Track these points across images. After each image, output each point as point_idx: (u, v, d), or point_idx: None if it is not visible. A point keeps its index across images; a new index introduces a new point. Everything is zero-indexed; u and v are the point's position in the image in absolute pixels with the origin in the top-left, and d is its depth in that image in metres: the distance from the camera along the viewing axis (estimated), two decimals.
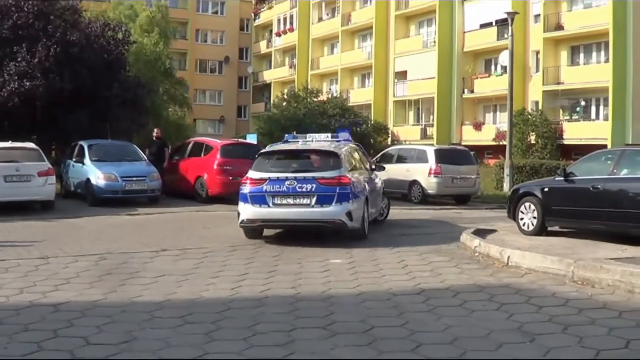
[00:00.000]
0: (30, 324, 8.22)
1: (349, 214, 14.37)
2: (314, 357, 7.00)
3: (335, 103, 49.34)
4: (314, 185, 14.32)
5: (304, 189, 14.36)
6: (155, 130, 28.37)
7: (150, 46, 49.96)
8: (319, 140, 16.97)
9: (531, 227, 14.98)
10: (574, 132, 44.59)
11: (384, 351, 7.14)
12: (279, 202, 14.48)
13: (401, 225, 18.11)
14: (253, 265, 12.09)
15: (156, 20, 53.90)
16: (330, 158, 15.12)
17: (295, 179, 14.48)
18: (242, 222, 14.94)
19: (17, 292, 9.95)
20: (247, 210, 14.77)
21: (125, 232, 16.70)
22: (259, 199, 14.60)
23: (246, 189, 14.94)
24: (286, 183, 14.42)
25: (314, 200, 14.32)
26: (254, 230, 15.21)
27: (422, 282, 10.50)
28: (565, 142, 44.61)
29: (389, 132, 55.01)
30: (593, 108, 46.16)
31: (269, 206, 14.49)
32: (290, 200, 14.45)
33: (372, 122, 52.12)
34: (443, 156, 26.01)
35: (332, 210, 14.29)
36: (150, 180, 23.33)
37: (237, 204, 15.02)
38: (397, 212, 20.42)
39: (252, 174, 15.15)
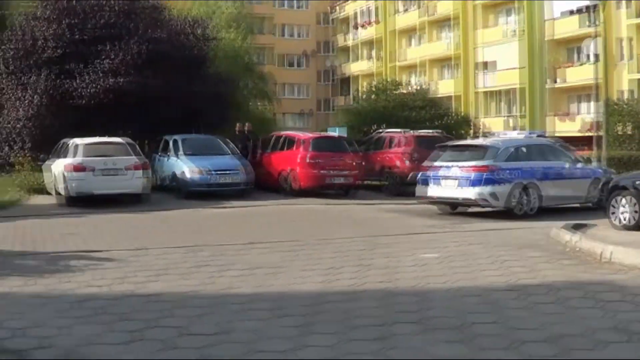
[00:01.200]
0: (128, 313, 8.36)
1: (493, 195, 18.37)
2: (410, 352, 6.89)
3: (418, 95, 48.92)
4: (469, 172, 18.63)
5: (462, 175, 18.78)
6: (238, 124, 28.53)
7: (232, 42, 50.32)
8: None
9: (631, 222, 14.47)
10: None
11: (483, 348, 6.96)
12: (447, 184, 19.06)
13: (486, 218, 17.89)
14: (345, 258, 12.04)
15: (239, 16, 54.34)
16: (482, 150, 19.44)
17: (458, 166, 19.04)
18: (420, 198, 20.04)
19: (115, 282, 10.15)
20: (426, 190, 19.59)
21: (216, 225, 16.88)
22: (436, 180, 19.31)
23: (428, 173, 19.64)
24: (452, 170, 19.05)
25: (469, 183, 18.50)
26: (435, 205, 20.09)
27: (517, 278, 10.25)
28: None
29: (472, 124, 54.29)
30: None
31: (441, 187, 19.15)
32: (454, 183, 18.89)
33: (455, 114, 51.48)
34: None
35: (479, 191, 18.37)
36: (240, 173, 23.49)
37: (323, 197, 15.41)
38: None
39: (432, 162, 19.85)
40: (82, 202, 20.99)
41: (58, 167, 21.86)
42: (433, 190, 19.31)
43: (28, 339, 7.27)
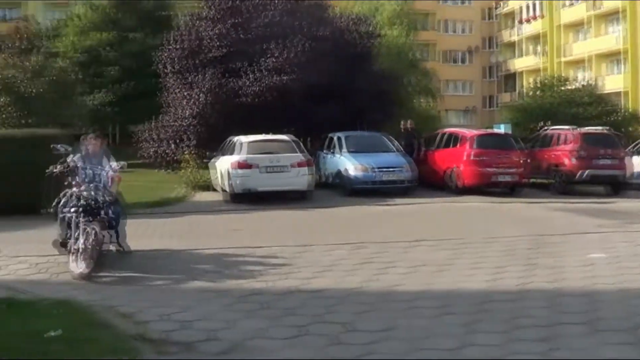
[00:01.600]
0: (293, 308, 8.57)
1: None
2: (576, 353, 6.78)
3: (585, 91, 47.57)
4: None
5: None
6: (403, 121, 28.51)
7: (396, 38, 50.37)
8: None
9: None
10: None
11: None
12: None
13: None
14: (511, 257, 11.91)
15: (401, 13, 54.36)
16: None
17: None
18: None
19: (280, 278, 10.43)
20: None
21: (380, 222, 16.96)
22: None
23: None
24: None
25: None
26: None
27: None
28: None
29: None
30: None
31: None
32: None
33: (624, 111, 49.70)
34: None
35: None
36: (404, 171, 23.51)
37: (488, 195, 15.31)
38: None
39: None
40: (246, 198, 21.48)
41: (223, 164, 22.49)
42: None
43: (195, 331, 7.56)
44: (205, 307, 8.70)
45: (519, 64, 76.00)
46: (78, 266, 10.61)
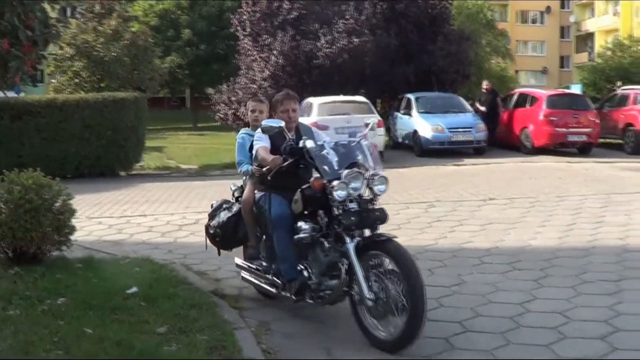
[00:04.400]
0: None
1: None
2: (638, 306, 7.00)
3: None
4: None
5: None
6: (485, 82, 28.41)
7: None
8: None
9: None
10: None
11: None
12: None
13: None
14: (580, 215, 12.07)
15: None
16: None
17: None
18: None
19: None
20: None
21: (452, 182, 17.11)
22: None
23: None
24: None
25: None
26: None
27: None
28: None
29: None
30: None
31: None
32: None
33: None
34: None
35: None
36: (476, 131, 23.59)
37: (561, 155, 15.22)
38: None
39: None
40: None
41: None
42: None
43: None
44: None
45: (593, 24, 74.59)
46: None
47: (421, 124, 23.98)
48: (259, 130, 6.78)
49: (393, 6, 29.51)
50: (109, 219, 12.58)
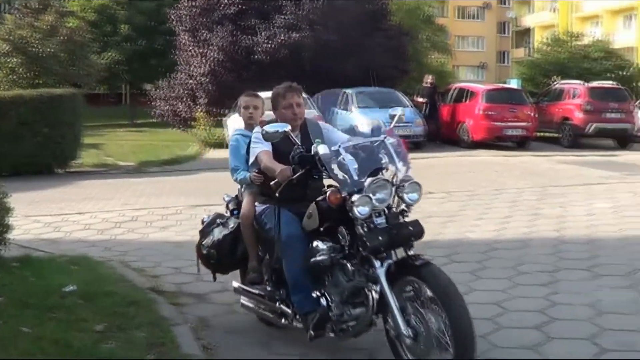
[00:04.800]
0: None
1: None
2: (577, 297, 7.11)
3: (598, 46, 47.55)
4: None
5: None
6: (429, 77, 28.47)
7: None
8: None
9: None
10: None
11: None
12: None
13: None
14: (517, 208, 12.26)
15: None
16: None
17: None
18: None
19: None
20: None
21: None
22: None
23: None
24: None
25: None
26: None
27: None
28: None
29: None
30: None
31: None
32: None
33: (634, 66, 49.65)
34: None
35: None
36: (414, 126, 23.76)
37: (498, 148, 15.32)
38: None
39: None
40: None
41: (235, 122, 22.72)
42: None
43: (208, 283, 7.88)
44: None
45: (532, 19, 75.65)
46: None
47: (360, 119, 24.06)
48: (256, 131, 5.89)
49: (333, 1, 29.54)
50: (45, 217, 12.38)
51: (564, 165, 19.07)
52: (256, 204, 6.06)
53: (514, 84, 36.14)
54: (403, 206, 5.29)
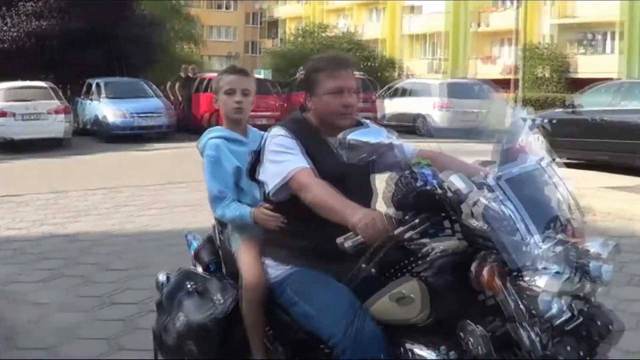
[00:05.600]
0: (47, 252, 8.66)
1: None
2: None
3: (345, 38, 49.30)
4: None
5: None
6: (190, 67, 28.13)
7: None
8: None
9: None
10: (586, 66, 44.43)
11: None
12: None
13: None
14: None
15: None
16: None
17: None
18: None
19: (35, 224, 10.37)
20: None
21: (137, 167, 16.99)
22: None
23: None
24: None
25: None
26: None
27: None
28: (578, 75, 44.37)
29: (397, 67, 54.91)
30: (608, 42, 46.04)
31: None
32: None
33: (382, 57, 52.00)
34: (452, 90, 26.23)
35: None
36: (162, 116, 23.63)
37: None
38: None
39: None
40: (3, 148, 20.83)
41: None
42: None
43: None
44: None
45: (282, 10, 77.11)
46: None
47: (107, 109, 23.65)
48: (277, 133, 3.41)
49: None
50: None
51: None
52: (267, 262, 3.56)
53: (262, 74, 36.64)
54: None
